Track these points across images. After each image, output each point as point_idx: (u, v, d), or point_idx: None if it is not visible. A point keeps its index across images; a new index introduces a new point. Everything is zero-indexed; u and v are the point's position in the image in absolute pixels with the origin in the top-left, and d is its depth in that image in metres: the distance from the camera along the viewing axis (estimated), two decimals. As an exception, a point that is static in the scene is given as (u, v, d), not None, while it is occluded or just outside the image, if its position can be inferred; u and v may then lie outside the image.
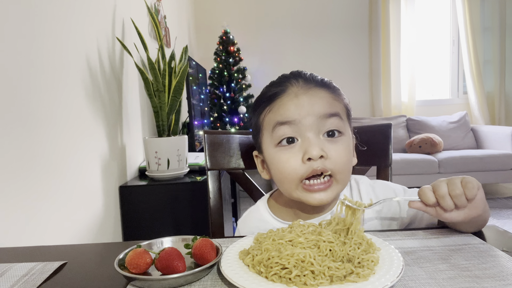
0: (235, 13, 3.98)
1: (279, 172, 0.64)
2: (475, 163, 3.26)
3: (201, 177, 1.67)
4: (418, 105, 4.12)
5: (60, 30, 1.19)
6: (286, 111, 0.63)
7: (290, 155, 0.62)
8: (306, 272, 0.43)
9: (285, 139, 0.63)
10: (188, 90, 2.18)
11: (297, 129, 0.62)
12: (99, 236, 1.38)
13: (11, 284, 0.49)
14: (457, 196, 0.51)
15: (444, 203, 0.52)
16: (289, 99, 0.64)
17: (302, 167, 0.61)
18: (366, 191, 0.73)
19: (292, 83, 0.66)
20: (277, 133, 0.63)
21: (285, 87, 0.66)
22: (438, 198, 0.52)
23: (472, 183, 0.51)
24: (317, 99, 0.63)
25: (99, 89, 1.46)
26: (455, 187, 0.51)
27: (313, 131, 0.62)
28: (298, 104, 0.63)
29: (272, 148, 0.65)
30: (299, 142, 0.62)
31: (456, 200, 0.51)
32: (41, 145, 1.05)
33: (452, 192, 0.51)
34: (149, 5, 2.10)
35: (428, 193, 0.53)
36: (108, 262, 0.53)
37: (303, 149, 0.61)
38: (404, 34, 3.99)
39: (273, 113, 0.65)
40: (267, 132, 0.66)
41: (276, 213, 0.73)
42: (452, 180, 0.53)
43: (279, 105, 0.64)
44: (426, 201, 0.53)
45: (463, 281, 0.44)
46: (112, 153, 1.54)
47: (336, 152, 0.62)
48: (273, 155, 0.65)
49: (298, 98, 0.63)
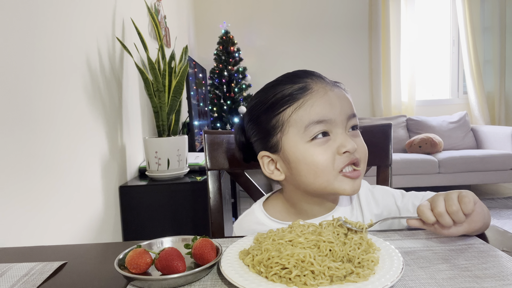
0: (235, 13, 3.97)
1: (315, 166, 0.64)
2: (475, 163, 3.26)
3: (201, 177, 1.67)
4: (418, 105, 4.12)
5: (60, 30, 1.19)
6: (322, 110, 0.63)
7: (325, 149, 0.64)
8: (306, 272, 0.43)
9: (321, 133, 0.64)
10: (188, 90, 2.18)
11: (330, 125, 0.64)
12: (99, 236, 1.38)
13: (11, 284, 0.49)
14: (454, 212, 0.51)
15: (443, 221, 0.52)
16: (320, 96, 0.64)
17: (338, 159, 0.64)
18: (365, 196, 0.74)
19: (313, 79, 0.67)
20: (311, 131, 0.64)
21: (307, 84, 0.66)
22: (437, 216, 0.52)
23: (469, 198, 0.51)
24: (342, 97, 0.67)
25: (99, 89, 1.46)
26: (452, 203, 0.52)
27: (343, 128, 0.65)
28: (330, 101, 0.64)
29: (304, 144, 0.65)
30: (331, 137, 0.65)
31: (454, 217, 0.52)
32: (41, 145, 1.05)
33: (449, 209, 0.52)
34: (149, 5, 2.10)
35: (427, 213, 0.53)
36: (108, 262, 0.53)
37: (337, 143, 0.64)
38: (404, 34, 3.99)
39: (304, 110, 0.64)
40: (294, 129, 0.65)
41: (273, 214, 0.73)
42: (449, 195, 0.53)
43: (312, 103, 0.64)
44: (426, 220, 0.53)
45: (463, 281, 0.44)
46: (112, 153, 1.54)
47: (362, 144, 0.68)
48: (306, 150, 0.65)
49: (328, 95, 0.65)
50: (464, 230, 0.54)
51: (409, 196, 0.72)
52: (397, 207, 0.71)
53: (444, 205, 0.52)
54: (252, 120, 0.71)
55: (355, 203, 0.74)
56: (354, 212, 0.73)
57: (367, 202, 0.73)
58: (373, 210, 0.72)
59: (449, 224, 0.52)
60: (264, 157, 0.70)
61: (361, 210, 0.72)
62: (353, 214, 0.72)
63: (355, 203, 0.74)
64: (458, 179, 3.28)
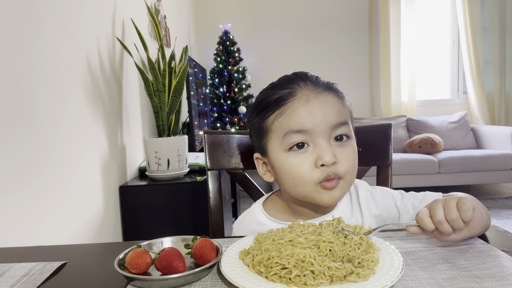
0: (235, 13, 3.97)
1: (292, 176, 0.64)
2: (475, 163, 3.26)
3: (201, 177, 1.67)
4: (418, 105, 4.12)
5: (61, 30, 1.19)
6: (301, 119, 0.62)
7: (302, 160, 0.62)
8: (306, 272, 0.43)
9: (296, 144, 0.62)
10: (188, 90, 2.18)
11: (308, 135, 0.62)
12: (99, 236, 1.38)
13: (11, 284, 0.48)
14: (453, 220, 0.51)
15: (442, 229, 0.52)
16: (300, 104, 0.62)
17: (316, 171, 0.62)
18: (365, 196, 0.73)
19: (300, 86, 0.64)
20: (289, 140, 0.62)
21: (293, 91, 0.64)
22: (436, 224, 0.52)
23: (467, 205, 0.51)
24: (327, 105, 0.63)
25: (99, 89, 1.46)
26: (451, 211, 0.51)
27: (325, 138, 0.63)
28: (310, 110, 0.62)
29: (282, 153, 0.64)
30: (310, 147, 0.63)
31: (453, 225, 0.51)
32: (41, 145, 1.05)
33: (448, 217, 0.51)
34: (149, 5, 2.10)
35: (426, 220, 0.52)
36: (108, 262, 0.53)
37: (316, 154, 0.62)
38: (404, 34, 3.99)
39: (284, 118, 0.63)
40: (275, 137, 0.65)
41: (273, 215, 0.73)
42: (447, 203, 0.52)
43: (291, 111, 0.62)
44: (425, 227, 0.53)
45: (463, 281, 0.44)
46: (112, 153, 1.54)
47: (346, 156, 0.64)
48: (284, 160, 0.64)
49: (309, 103, 0.62)
50: (464, 236, 0.54)
51: (408, 197, 0.71)
52: (396, 208, 0.71)
53: (443, 212, 0.52)
54: (249, 119, 0.71)
55: (354, 204, 0.73)
56: (354, 213, 0.72)
57: (366, 203, 0.73)
58: (372, 211, 0.72)
59: (449, 232, 0.52)
60: (258, 158, 0.72)
61: (361, 211, 0.72)
62: (353, 215, 0.72)
63: (355, 204, 0.73)
64: (458, 179, 3.28)
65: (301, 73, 0.68)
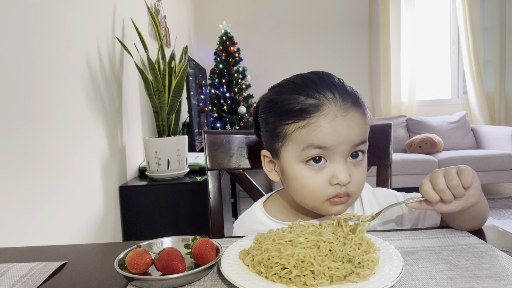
0: (235, 13, 3.97)
1: (304, 189, 0.63)
2: (475, 163, 3.26)
3: (201, 177, 1.67)
4: (418, 105, 4.12)
5: (60, 30, 1.19)
6: (324, 136, 0.59)
7: (317, 175, 0.62)
8: (306, 272, 0.43)
9: (313, 158, 0.61)
10: (188, 90, 2.18)
11: (328, 151, 0.61)
12: (99, 236, 1.38)
13: (11, 284, 0.48)
14: (454, 186, 0.53)
15: (445, 197, 0.53)
16: (327, 121, 0.59)
17: (328, 188, 0.62)
18: (367, 197, 0.74)
19: (327, 98, 0.60)
20: (308, 153, 0.61)
21: (320, 104, 0.60)
22: (438, 193, 0.54)
23: (467, 171, 0.53)
24: (354, 125, 0.61)
25: (99, 89, 1.46)
26: (452, 178, 0.53)
27: (344, 157, 0.62)
28: (336, 129, 0.59)
29: (297, 164, 0.63)
30: (327, 164, 0.62)
31: (454, 191, 0.53)
32: (41, 145, 1.05)
33: (449, 184, 0.53)
34: (149, 5, 2.10)
35: (431, 193, 0.54)
36: (108, 262, 0.53)
37: (332, 172, 0.61)
38: (404, 34, 3.99)
39: (307, 132, 0.60)
40: (293, 146, 0.63)
41: (273, 215, 0.73)
42: (448, 171, 0.54)
43: (315, 127, 0.59)
44: (431, 199, 0.54)
45: (463, 281, 0.44)
46: (112, 153, 1.54)
47: (359, 176, 0.64)
48: (299, 171, 0.63)
49: (336, 121, 0.59)
50: (462, 205, 0.55)
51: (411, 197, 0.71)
52: (400, 208, 0.71)
53: (444, 181, 0.53)
54: (263, 114, 0.68)
55: (357, 205, 0.74)
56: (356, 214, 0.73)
57: (369, 204, 0.73)
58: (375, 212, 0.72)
59: (451, 199, 0.54)
60: (266, 156, 0.71)
61: (363, 212, 0.72)
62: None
63: (357, 205, 0.74)
64: (458, 179, 3.28)
65: (327, 77, 0.64)
